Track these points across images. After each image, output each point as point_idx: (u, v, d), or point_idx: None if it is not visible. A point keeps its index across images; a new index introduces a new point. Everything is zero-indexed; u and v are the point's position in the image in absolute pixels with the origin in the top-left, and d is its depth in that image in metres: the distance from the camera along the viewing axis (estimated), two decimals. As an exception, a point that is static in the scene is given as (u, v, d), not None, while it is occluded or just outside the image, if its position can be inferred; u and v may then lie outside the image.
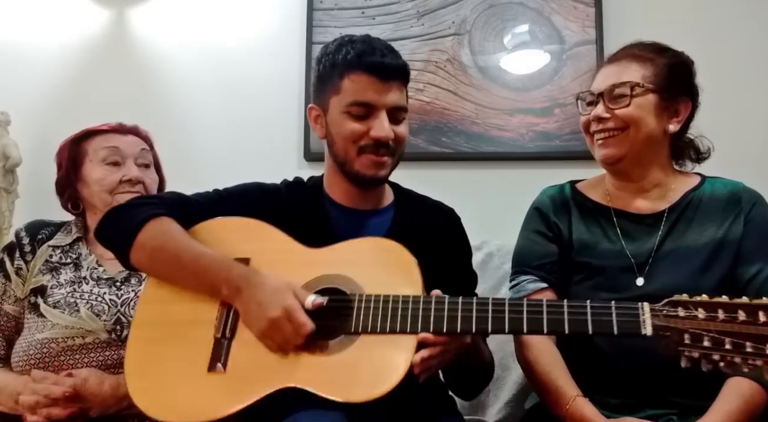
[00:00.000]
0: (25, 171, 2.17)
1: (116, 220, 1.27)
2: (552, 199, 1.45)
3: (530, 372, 1.33)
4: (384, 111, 1.26)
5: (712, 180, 1.40)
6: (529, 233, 1.45)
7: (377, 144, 1.26)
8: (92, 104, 2.26)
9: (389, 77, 1.26)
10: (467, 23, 2.23)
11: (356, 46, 1.27)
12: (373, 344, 1.10)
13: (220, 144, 2.28)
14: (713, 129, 1.43)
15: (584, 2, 2.18)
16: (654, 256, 1.32)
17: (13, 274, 1.48)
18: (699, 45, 1.72)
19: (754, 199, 1.34)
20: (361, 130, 1.26)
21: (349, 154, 1.28)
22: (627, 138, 1.33)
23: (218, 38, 2.33)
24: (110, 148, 1.53)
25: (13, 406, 1.34)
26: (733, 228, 1.31)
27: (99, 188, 1.51)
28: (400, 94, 1.28)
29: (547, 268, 1.39)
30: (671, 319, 1.00)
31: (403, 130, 1.31)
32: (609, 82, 1.35)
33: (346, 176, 1.32)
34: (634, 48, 1.39)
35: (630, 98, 1.31)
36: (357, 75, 1.25)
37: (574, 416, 1.20)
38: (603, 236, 1.38)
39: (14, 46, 2.37)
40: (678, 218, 1.35)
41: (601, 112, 1.34)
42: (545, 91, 2.18)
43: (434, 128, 2.20)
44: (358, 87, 1.25)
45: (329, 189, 1.39)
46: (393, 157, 1.30)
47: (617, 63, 1.37)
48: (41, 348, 1.38)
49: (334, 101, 1.29)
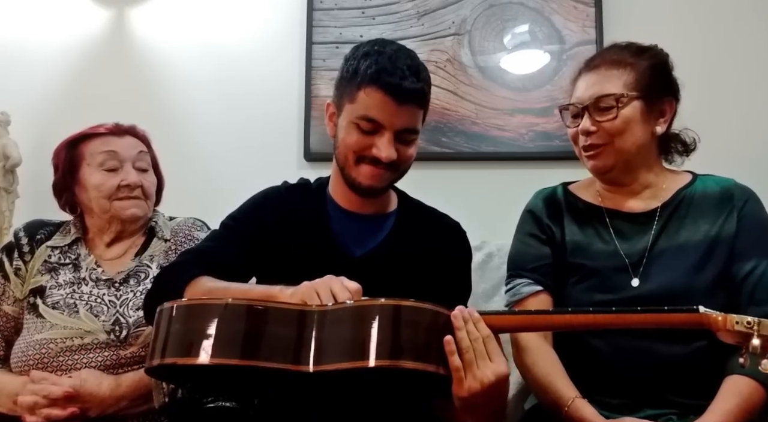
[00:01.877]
0: (25, 171, 2.17)
1: (157, 297, 1.18)
2: (545, 202, 1.45)
3: (528, 376, 1.33)
4: (391, 132, 1.24)
5: (704, 177, 1.40)
6: (523, 236, 1.44)
7: (377, 161, 1.26)
8: (92, 104, 2.25)
9: (405, 101, 1.23)
10: (467, 23, 2.22)
11: (381, 59, 1.24)
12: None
13: (220, 143, 2.28)
14: (713, 128, 1.43)
15: (584, 2, 2.18)
16: (648, 255, 1.32)
17: (12, 275, 1.48)
18: (699, 45, 1.74)
19: (746, 195, 1.34)
20: (365, 144, 1.25)
21: (349, 161, 1.28)
22: (615, 149, 1.33)
23: (218, 38, 2.33)
24: (107, 152, 1.51)
25: (12, 407, 1.34)
26: (727, 224, 1.31)
27: (97, 194, 1.50)
28: (413, 117, 1.26)
29: (541, 271, 1.39)
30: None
31: (410, 151, 1.30)
32: (592, 92, 1.33)
33: (345, 182, 1.32)
34: (612, 53, 1.37)
35: (617, 110, 1.30)
36: (373, 90, 1.22)
37: (573, 417, 1.20)
38: (596, 237, 1.37)
39: (14, 46, 2.37)
40: (671, 215, 1.34)
41: (588, 126, 1.32)
42: (545, 91, 2.17)
43: (434, 128, 2.20)
44: (371, 103, 1.23)
45: (333, 191, 1.39)
46: (394, 172, 1.30)
47: (597, 71, 1.35)
48: (40, 349, 1.38)
49: (348, 108, 1.27)
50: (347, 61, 1.30)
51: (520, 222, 1.48)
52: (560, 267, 1.38)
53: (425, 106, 1.30)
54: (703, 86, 1.40)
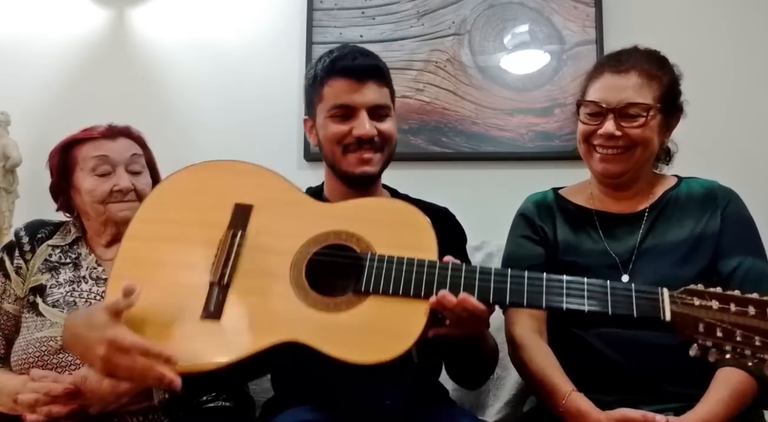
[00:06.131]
0: (25, 171, 2.17)
1: None
2: (536, 205, 1.49)
3: (525, 372, 1.36)
4: (363, 110, 1.30)
5: (689, 180, 1.45)
6: (516, 238, 1.48)
7: (360, 141, 1.30)
8: (92, 104, 2.26)
9: (363, 77, 1.30)
10: (467, 23, 2.23)
11: (332, 54, 1.34)
12: (384, 305, 1.06)
13: (220, 143, 2.28)
14: (713, 128, 1.44)
15: (584, 2, 2.18)
16: (636, 253, 1.36)
17: (13, 273, 1.48)
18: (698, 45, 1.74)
19: (728, 195, 1.39)
20: (344, 131, 1.31)
21: (336, 154, 1.33)
22: (633, 156, 1.36)
23: (218, 38, 2.33)
24: (99, 157, 1.50)
25: (13, 406, 1.34)
26: (710, 223, 1.36)
27: (90, 199, 1.49)
28: (378, 93, 1.32)
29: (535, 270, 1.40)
30: (687, 307, 1.02)
31: (388, 126, 1.33)
32: (622, 97, 1.33)
33: (339, 178, 1.36)
34: (641, 60, 1.37)
35: (645, 120, 1.32)
36: (334, 80, 1.31)
37: (570, 410, 1.22)
38: (586, 237, 1.42)
39: (14, 46, 2.37)
40: (658, 216, 1.39)
41: (613, 130, 1.33)
42: (545, 91, 2.18)
43: (434, 128, 2.20)
44: (336, 91, 1.31)
45: (329, 194, 1.42)
46: (381, 152, 1.33)
47: (626, 75, 1.35)
48: (40, 347, 1.38)
49: (320, 109, 1.34)
50: (307, 74, 1.40)
51: (512, 225, 1.52)
52: (553, 265, 1.40)
53: (387, 83, 1.36)
54: (702, 86, 1.40)
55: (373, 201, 1.27)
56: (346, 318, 1.06)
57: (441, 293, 1.04)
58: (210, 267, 1.13)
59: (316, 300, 1.08)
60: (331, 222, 1.17)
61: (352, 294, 1.08)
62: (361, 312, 1.06)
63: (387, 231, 1.14)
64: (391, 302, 1.06)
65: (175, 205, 1.23)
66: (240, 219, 1.18)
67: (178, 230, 1.19)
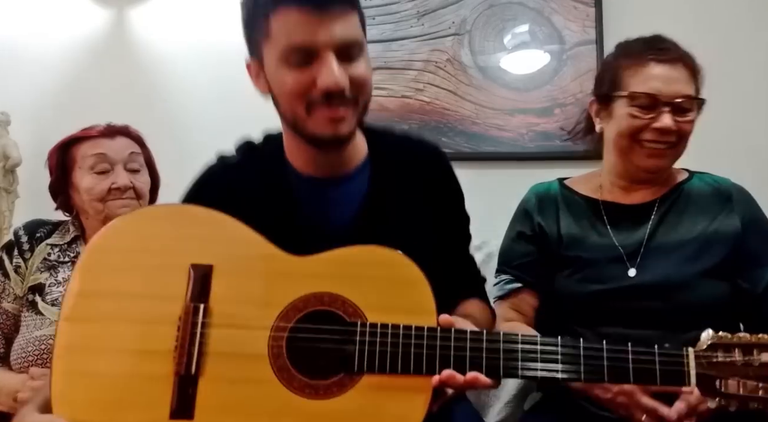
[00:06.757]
0: (25, 171, 2.16)
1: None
2: (538, 197, 1.46)
3: None
4: (329, 51, 0.98)
5: (701, 175, 1.42)
6: (512, 233, 1.48)
7: (328, 95, 0.99)
8: (92, 104, 2.26)
9: (326, 4, 0.97)
10: (467, 23, 2.23)
11: None
12: (381, 386, 0.93)
13: (220, 143, 2.27)
14: (713, 128, 1.44)
15: (584, 2, 2.18)
16: (645, 246, 1.33)
17: (12, 272, 1.48)
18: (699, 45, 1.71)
19: (745, 196, 1.37)
20: (305, 81, 0.99)
21: (298, 113, 1.03)
22: (677, 152, 1.33)
23: (218, 38, 2.33)
24: (97, 155, 1.51)
25: (12, 405, 1.34)
26: (726, 222, 1.32)
27: (89, 197, 1.51)
28: (347, 24, 0.99)
29: (525, 268, 1.42)
30: (711, 367, 0.95)
31: (361, 69, 1.02)
32: (677, 89, 1.28)
33: (305, 140, 1.07)
34: (678, 50, 1.33)
35: (695, 114, 1.30)
36: (285, 11, 0.98)
37: None
38: (592, 229, 1.38)
39: (14, 46, 2.37)
40: (669, 208, 1.36)
41: (671, 125, 1.27)
42: (545, 91, 2.17)
43: (434, 128, 2.20)
44: (288, 27, 0.98)
45: (290, 155, 1.14)
46: (354, 106, 1.03)
47: (674, 66, 1.30)
48: (39, 345, 1.38)
49: (267, 50, 1.03)
50: (242, 4, 1.09)
51: (513, 218, 1.51)
52: (553, 261, 1.39)
53: (356, 7, 1.03)
54: (702, 85, 1.40)
55: (357, 251, 1.00)
56: (338, 405, 0.92)
57: (446, 374, 0.92)
58: (172, 353, 0.94)
59: (302, 385, 0.93)
60: (310, 281, 0.97)
61: (344, 374, 0.94)
62: (354, 397, 0.93)
63: (376, 290, 0.97)
64: (388, 381, 0.93)
65: (117, 271, 0.98)
66: (200, 287, 0.96)
67: (125, 306, 0.96)
